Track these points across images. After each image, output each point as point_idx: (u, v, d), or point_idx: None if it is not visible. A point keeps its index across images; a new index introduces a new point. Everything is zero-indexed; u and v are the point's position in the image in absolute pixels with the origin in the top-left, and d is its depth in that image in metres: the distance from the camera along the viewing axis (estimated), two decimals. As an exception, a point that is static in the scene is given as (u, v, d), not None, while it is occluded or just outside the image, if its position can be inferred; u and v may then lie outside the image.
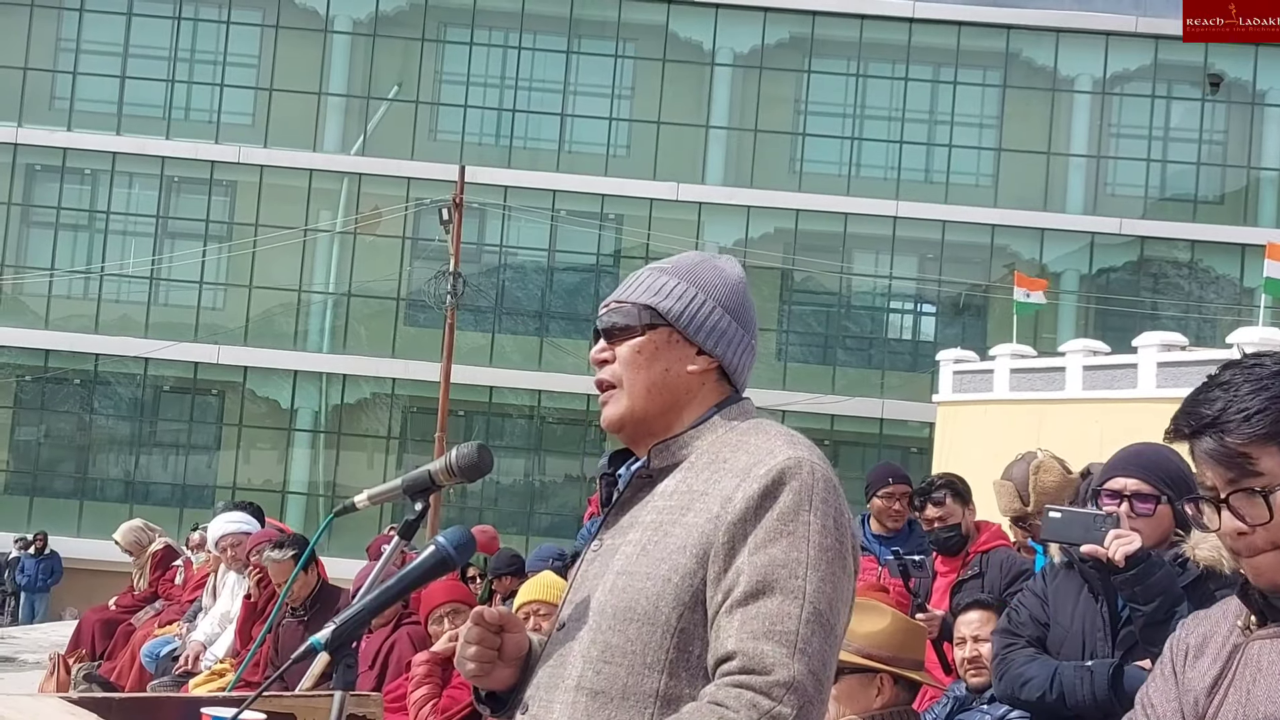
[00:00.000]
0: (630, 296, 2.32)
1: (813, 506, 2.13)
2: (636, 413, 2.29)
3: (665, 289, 2.31)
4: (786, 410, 30.89)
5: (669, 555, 2.15)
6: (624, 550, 2.21)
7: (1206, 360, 21.69)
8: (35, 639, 17.26)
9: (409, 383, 32.09)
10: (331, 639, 2.07)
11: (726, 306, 2.32)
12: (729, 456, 2.21)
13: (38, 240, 33.46)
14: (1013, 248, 32.73)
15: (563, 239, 32.89)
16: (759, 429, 2.27)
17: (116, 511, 27.27)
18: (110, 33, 33.21)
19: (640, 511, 2.25)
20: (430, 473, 2.32)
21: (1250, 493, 1.89)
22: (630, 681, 2.12)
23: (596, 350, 2.34)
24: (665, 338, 2.29)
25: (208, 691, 7.10)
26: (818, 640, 2.06)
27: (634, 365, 2.29)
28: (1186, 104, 33.31)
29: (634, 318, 2.30)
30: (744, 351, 2.34)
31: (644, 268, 2.39)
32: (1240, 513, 1.91)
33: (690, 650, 2.12)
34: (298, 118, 32.64)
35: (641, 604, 2.13)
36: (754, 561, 2.08)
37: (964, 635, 4.99)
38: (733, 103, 33.29)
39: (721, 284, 2.33)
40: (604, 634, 2.15)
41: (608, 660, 2.14)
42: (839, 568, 2.13)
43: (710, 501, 2.16)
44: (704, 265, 2.36)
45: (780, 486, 2.13)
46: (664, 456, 2.27)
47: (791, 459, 2.16)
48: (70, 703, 2.46)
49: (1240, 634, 1.98)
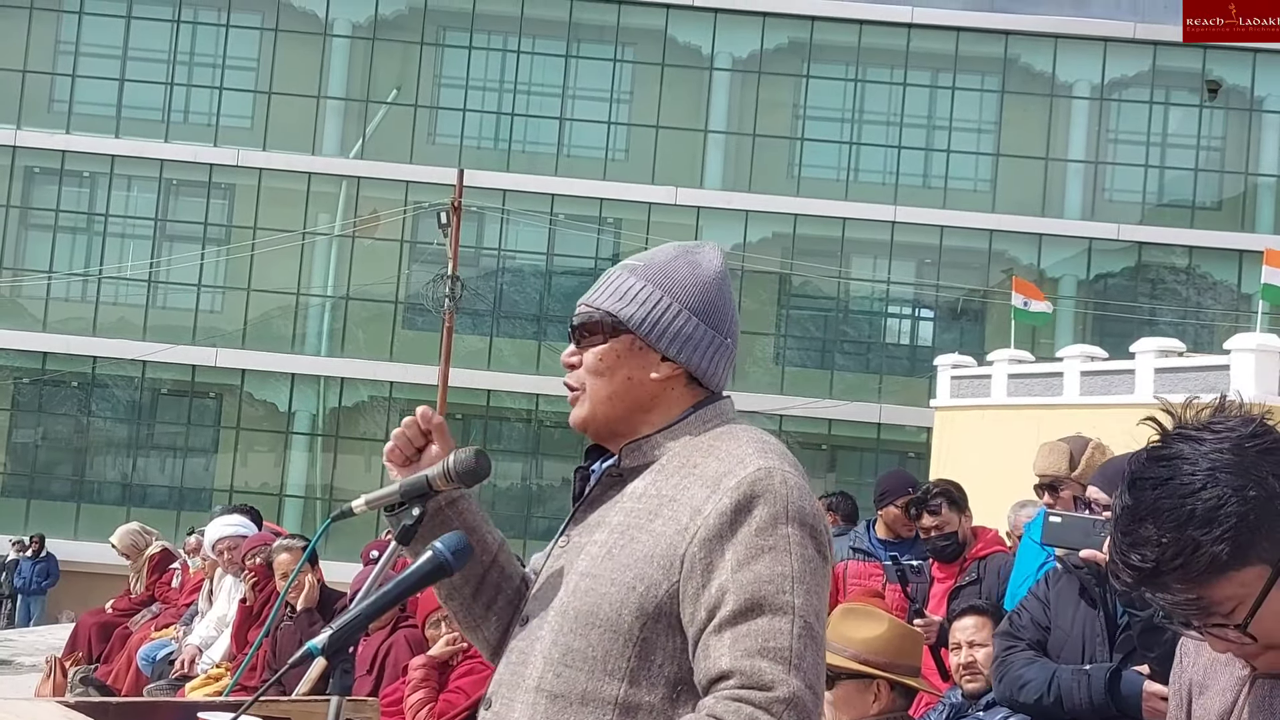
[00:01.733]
0: (597, 300, 2.30)
1: (789, 518, 2.11)
2: (599, 417, 2.30)
3: (630, 293, 2.27)
4: (784, 415, 30.91)
5: (634, 563, 2.14)
6: (589, 550, 2.20)
7: (1204, 366, 21.76)
8: (32, 642, 17.23)
9: (407, 386, 32.06)
10: (329, 643, 2.07)
11: (694, 309, 2.27)
12: (699, 461, 2.19)
13: (36, 243, 33.45)
14: (1011, 253, 32.74)
15: (561, 243, 32.90)
16: (731, 434, 2.24)
17: (114, 514, 27.27)
18: (109, 35, 33.21)
19: (608, 511, 2.24)
20: (428, 478, 2.32)
21: (1221, 626, 1.79)
22: (590, 686, 2.11)
23: (565, 354, 2.34)
24: (627, 345, 2.26)
25: (204, 695, 7.10)
26: (810, 654, 2.05)
27: (596, 372, 2.28)
28: (1184, 110, 33.33)
29: (598, 324, 2.28)
30: (714, 353, 2.29)
31: (619, 265, 2.35)
32: (1223, 643, 1.82)
33: (652, 659, 2.12)
34: (296, 121, 32.64)
35: (604, 610, 2.13)
36: (738, 579, 2.07)
37: (959, 641, 4.99)
38: (731, 107, 33.31)
39: (693, 284, 2.28)
40: (565, 636, 2.15)
41: (568, 664, 2.14)
42: (821, 578, 2.13)
43: (679, 510, 2.14)
44: (677, 263, 2.30)
45: (753, 499, 2.11)
46: (635, 456, 2.26)
47: (762, 469, 2.14)
48: (66, 706, 2.45)
49: (1244, 664, 1.91)
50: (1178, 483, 1.76)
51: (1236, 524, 1.73)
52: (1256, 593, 1.75)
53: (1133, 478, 1.82)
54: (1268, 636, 1.79)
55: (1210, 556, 1.73)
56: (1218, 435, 1.79)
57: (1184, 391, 20.89)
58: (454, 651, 5.77)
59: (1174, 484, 1.76)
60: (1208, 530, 1.73)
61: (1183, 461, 1.78)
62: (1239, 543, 1.73)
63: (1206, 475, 1.75)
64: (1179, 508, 1.75)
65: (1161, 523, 1.75)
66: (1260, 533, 1.74)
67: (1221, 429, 1.80)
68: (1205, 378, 21.11)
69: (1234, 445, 1.78)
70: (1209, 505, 1.74)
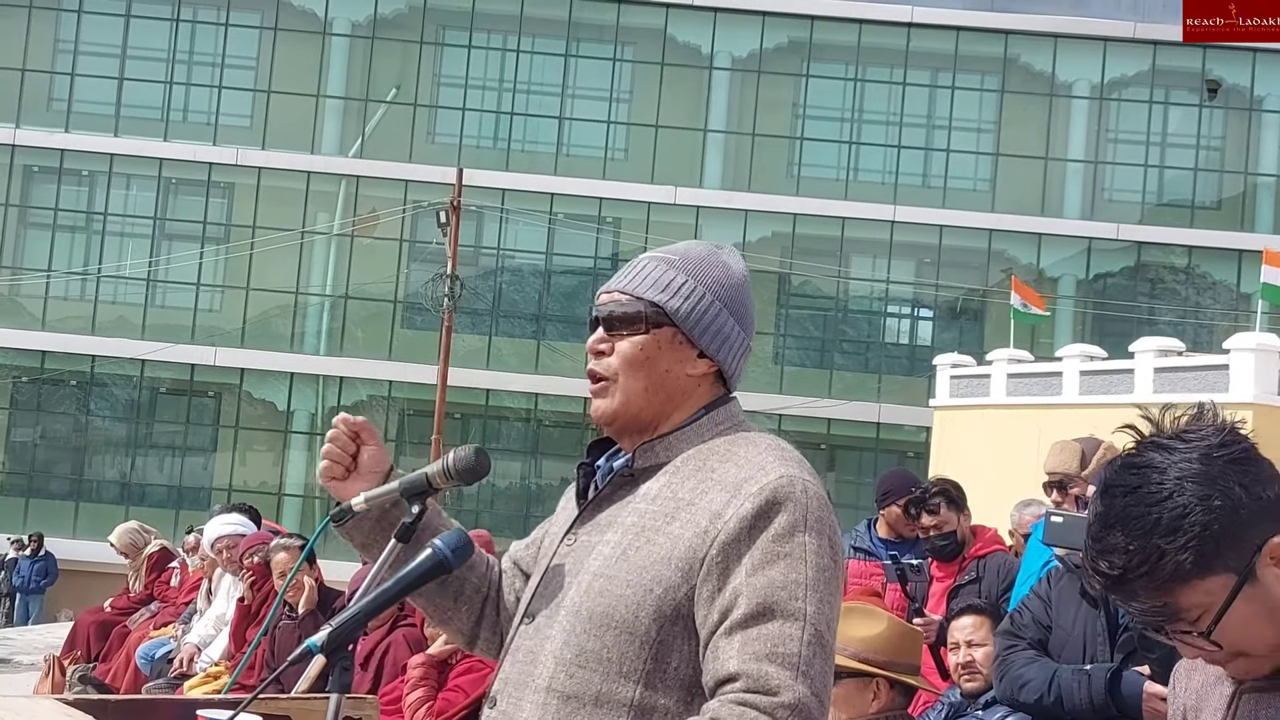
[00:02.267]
0: (635, 289, 2.25)
1: (808, 527, 2.10)
2: (630, 410, 2.24)
3: (673, 285, 2.24)
4: (783, 414, 30.91)
5: (651, 565, 2.12)
6: (601, 550, 2.18)
7: (1203, 366, 21.76)
8: (30, 640, 17.24)
9: (406, 385, 32.07)
10: (328, 641, 2.06)
11: (730, 308, 2.26)
12: (717, 466, 2.18)
13: (35, 241, 33.45)
14: (1010, 252, 32.75)
15: (560, 242, 32.90)
16: (748, 440, 2.22)
17: (112, 513, 27.27)
18: (108, 34, 33.21)
19: (620, 511, 2.21)
20: (427, 476, 2.31)
21: (1187, 634, 1.80)
22: (605, 688, 2.10)
23: (595, 340, 2.27)
24: (669, 338, 2.23)
25: (203, 694, 7.10)
26: (819, 662, 2.05)
27: (634, 363, 2.23)
28: (1184, 109, 33.33)
29: (638, 313, 2.23)
30: (742, 353, 2.30)
31: (647, 255, 2.31)
32: (1191, 649, 1.83)
33: (668, 662, 2.10)
34: (296, 120, 32.64)
35: (620, 611, 2.11)
36: (753, 584, 2.06)
37: (958, 640, 4.99)
38: (731, 107, 33.31)
39: (727, 283, 2.27)
40: (579, 637, 2.13)
41: (581, 665, 2.12)
42: (835, 588, 2.12)
43: (698, 514, 2.13)
44: (710, 260, 2.28)
45: (775, 506, 2.10)
46: (648, 457, 2.23)
47: (785, 477, 2.13)
48: (65, 704, 2.45)
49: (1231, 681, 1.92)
50: (1145, 491, 1.78)
51: (1200, 533, 1.74)
52: (1221, 601, 1.76)
53: (1105, 485, 1.84)
54: (1234, 644, 1.79)
55: (1175, 565, 1.74)
56: (1188, 444, 1.80)
57: (1183, 391, 20.90)
58: (453, 650, 5.76)
59: (1142, 492, 1.78)
60: (1172, 539, 1.74)
61: (1152, 470, 1.79)
62: (1203, 551, 1.74)
63: (1174, 484, 1.76)
64: (1145, 516, 1.76)
65: (1129, 530, 1.77)
66: (1224, 541, 1.75)
67: (1193, 438, 1.81)
68: (1204, 377, 21.13)
69: (1202, 455, 1.78)
70: (1174, 514, 1.75)
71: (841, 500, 28.45)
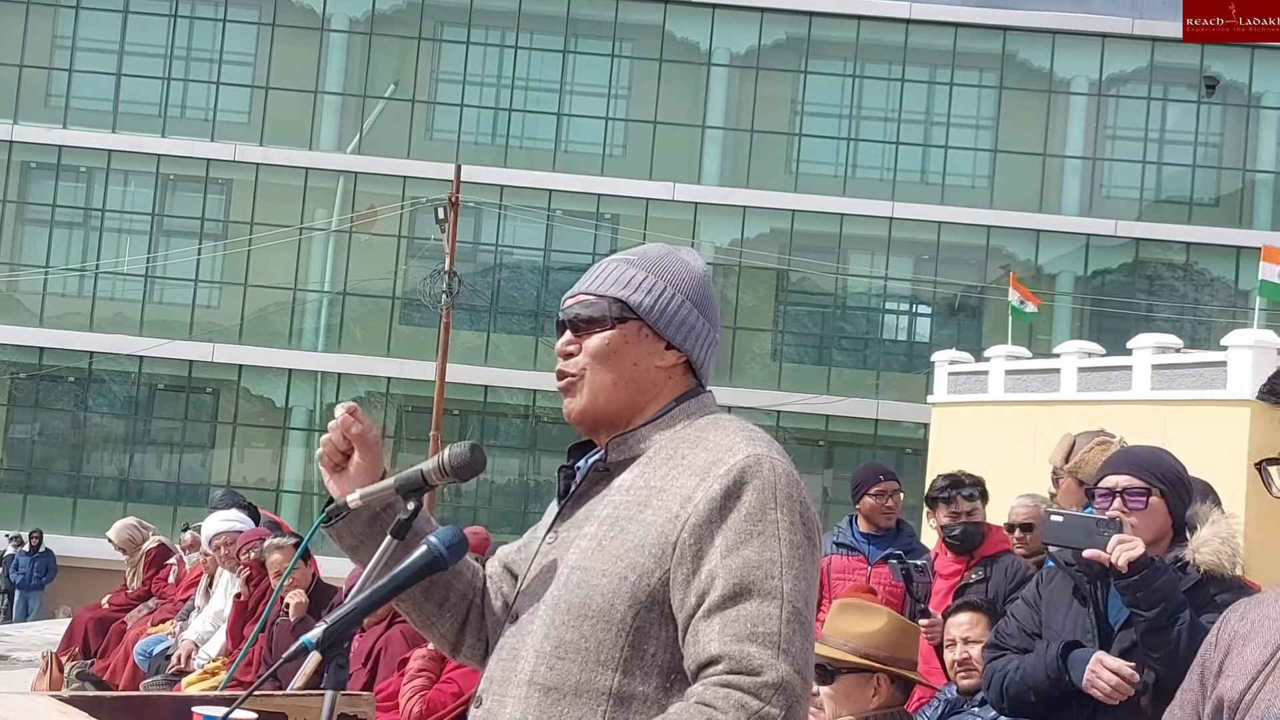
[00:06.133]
0: (598, 289, 2.30)
1: (778, 504, 2.12)
2: (600, 406, 2.29)
3: (634, 282, 2.29)
4: (781, 410, 30.92)
5: (626, 553, 2.14)
6: (579, 544, 2.20)
7: (1201, 363, 21.74)
8: (29, 637, 17.25)
9: (404, 382, 32.07)
10: (323, 638, 2.06)
11: (693, 300, 2.30)
12: (687, 453, 2.20)
13: (33, 238, 33.42)
14: (1008, 249, 32.75)
15: (558, 239, 32.89)
16: (717, 424, 2.25)
17: (110, 509, 27.24)
18: (106, 30, 33.18)
19: (596, 505, 2.24)
20: (423, 472, 2.31)
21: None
22: (583, 678, 2.12)
23: (563, 343, 2.31)
24: (635, 331, 2.28)
25: (200, 690, 7.09)
26: (799, 639, 2.06)
27: (602, 359, 2.27)
28: (1182, 106, 33.33)
29: (603, 311, 2.28)
30: (709, 345, 2.33)
31: (608, 259, 2.36)
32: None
33: (645, 649, 2.12)
34: (294, 116, 32.62)
35: (596, 601, 2.13)
36: (728, 564, 2.07)
37: (954, 637, 4.99)
38: (729, 103, 33.30)
39: (688, 277, 2.32)
40: (557, 629, 2.15)
41: (561, 656, 2.14)
42: (810, 563, 2.13)
43: (669, 499, 2.15)
44: (669, 258, 2.34)
45: (742, 485, 2.12)
46: (621, 450, 2.26)
47: (751, 456, 2.15)
48: (62, 701, 2.45)
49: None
50: None
51: None
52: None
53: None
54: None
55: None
56: None
57: (1181, 388, 20.89)
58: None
59: None
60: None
61: None
62: None
63: None
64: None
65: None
66: None
67: None
68: (1202, 374, 21.10)
69: None
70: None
71: (839, 497, 28.43)
